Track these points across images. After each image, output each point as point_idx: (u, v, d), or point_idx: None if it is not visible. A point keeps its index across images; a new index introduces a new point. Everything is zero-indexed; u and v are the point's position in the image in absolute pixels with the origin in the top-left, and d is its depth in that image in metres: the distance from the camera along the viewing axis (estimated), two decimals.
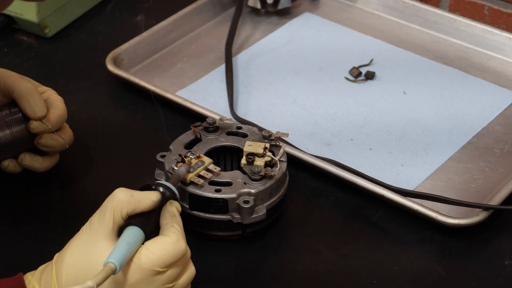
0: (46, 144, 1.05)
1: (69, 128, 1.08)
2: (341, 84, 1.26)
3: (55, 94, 1.07)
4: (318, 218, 1.06)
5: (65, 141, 1.06)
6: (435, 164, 1.13)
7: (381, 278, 0.99)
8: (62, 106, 1.06)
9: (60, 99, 1.07)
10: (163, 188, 0.89)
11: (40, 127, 1.03)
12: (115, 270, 0.80)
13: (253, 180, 1.00)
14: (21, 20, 1.34)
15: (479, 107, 1.22)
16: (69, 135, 1.08)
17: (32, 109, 1.02)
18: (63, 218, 1.06)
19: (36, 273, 0.85)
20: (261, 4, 1.38)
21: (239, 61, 1.30)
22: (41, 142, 1.04)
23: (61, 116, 1.05)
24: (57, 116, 1.05)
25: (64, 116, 1.06)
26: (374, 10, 1.41)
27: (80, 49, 1.34)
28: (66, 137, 1.06)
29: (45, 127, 1.03)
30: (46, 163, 1.07)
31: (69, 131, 1.08)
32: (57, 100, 1.06)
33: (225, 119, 1.08)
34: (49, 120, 1.04)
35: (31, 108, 1.02)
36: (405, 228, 1.05)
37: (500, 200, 1.04)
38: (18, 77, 1.04)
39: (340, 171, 1.08)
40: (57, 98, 1.07)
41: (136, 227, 0.84)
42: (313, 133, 1.18)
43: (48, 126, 1.03)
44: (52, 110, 1.05)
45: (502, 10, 1.38)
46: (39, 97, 1.03)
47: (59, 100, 1.06)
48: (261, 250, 1.02)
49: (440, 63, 1.30)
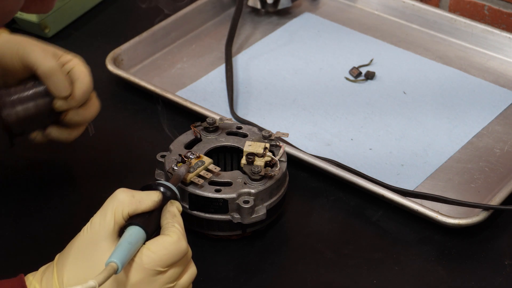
0: (71, 121, 1.03)
1: (95, 98, 1.06)
2: (341, 84, 1.27)
3: (80, 64, 1.04)
4: (318, 218, 1.06)
5: (93, 112, 1.04)
6: (435, 164, 1.13)
7: (381, 278, 0.99)
8: (87, 79, 1.03)
9: (84, 72, 1.03)
10: (164, 188, 0.90)
11: (65, 105, 1.02)
12: (117, 269, 0.80)
13: (253, 180, 1.00)
14: (21, 20, 1.34)
15: (479, 107, 1.22)
16: (94, 107, 1.05)
17: (56, 89, 1.00)
18: (64, 218, 1.06)
19: (37, 274, 0.85)
20: (261, 4, 1.38)
21: (239, 61, 1.30)
22: (66, 119, 1.03)
23: (85, 91, 1.02)
24: (82, 92, 1.02)
25: (88, 90, 1.03)
26: (374, 10, 1.41)
27: (80, 49, 1.34)
28: (92, 108, 1.04)
29: (70, 104, 1.02)
30: (74, 134, 1.06)
31: (95, 103, 1.05)
32: (82, 72, 1.03)
33: (225, 119, 1.08)
34: (74, 97, 1.01)
35: (55, 88, 1.00)
36: (405, 228, 1.05)
37: (500, 200, 1.04)
38: (42, 52, 1.01)
39: (340, 171, 1.08)
40: (82, 70, 1.03)
41: (137, 227, 0.84)
42: (313, 133, 1.18)
43: (72, 104, 1.01)
44: (76, 84, 1.02)
45: (502, 10, 1.38)
46: (62, 76, 1.00)
47: (84, 73, 1.03)
48: (261, 250, 1.02)
49: (440, 63, 1.30)
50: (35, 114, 1.02)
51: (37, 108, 1.02)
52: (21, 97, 1.01)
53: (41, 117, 1.03)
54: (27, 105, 1.01)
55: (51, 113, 1.03)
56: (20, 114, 1.01)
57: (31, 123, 1.03)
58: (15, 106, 1.01)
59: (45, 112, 1.02)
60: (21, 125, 1.02)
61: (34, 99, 1.02)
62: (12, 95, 1.01)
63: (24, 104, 1.01)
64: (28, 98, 1.02)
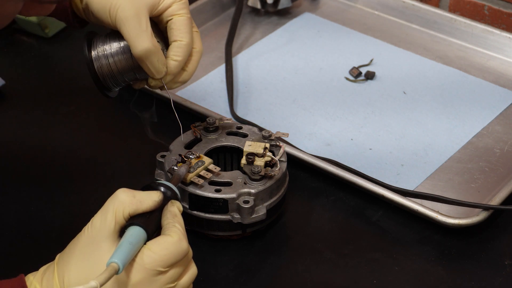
0: (170, 88, 1.01)
1: (194, 61, 1.01)
2: (341, 84, 1.27)
3: (179, 14, 0.98)
4: (318, 218, 1.06)
5: (192, 70, 1.00)
6: (435, 164, 1.13)
7: (381, 278, 0.99)
8: (184, 43, 0.98)
9: (182, 28, 0.97)
10: (164, 188, 0.89)
11: (159, 83, 0.99)
12: (118, 270, 0.80)
13: (253, 180, 1.00)
14: (21, 20, 1.34)
15: (479, 107, 1.22)
16: (191, 69, 1.01)
17: (149, 71, 0.97)
18: (64, 218, 1.06)
19: (38, 274, 0.85)
20: (261, 4, 1.38)
21: (239, 61, 1.30)
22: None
23: (181, 62, 0.98)
24: (177, 67, 0.98)
25: (184, 59, 0.98)
26: (374, 10, 1.41)
27: (80, 49, 1.34)
28: (190, 67, 1.00)
29: (166, 79, 0.98)
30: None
31: (192, 67, 1.01)
32: (179, 30, 0.97)
33: (225, 119, 1.08)
34: (169, 73, 0.98)
35: (148, 70, 0.97)
36: (405, 228, 1.05)
37: (500, 200, 1.04)
38: (135, 25, 0.94)
39: (340, 171, 1.08)
40: (180, 26, 0.97)
41: (138, 227, 0.84)
42: (313, 133, 1.18)
43: (168, 79, 0.98)
44: (171, 52, 0.97)
45: (502, 10, 1.38)
46: (156, 58, 0.96)
47: (181, 31, 0.97)
48: (261, 250, 1.02)
49: (440, 63, 1.30)
50: (127, 68, 0.99)
51: (128, 63, 0.98)
52: (113, 51, 0.98)
53: (132, 71, 0.99)
54: (118, 58, 0.98)
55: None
56: (112, 67, 0.98)
57: (121, 76, 1.00)
58: (108, 58, 0.98)
59: (138, 67, 0.98)
60: (111, 79, 0.99)
61: (127, 52, 0.98)
62: (105, 44, 0.98)
63: (115, 57, 0.98)
64: (121, 52, 0.98)
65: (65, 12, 1.01)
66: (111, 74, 0.99)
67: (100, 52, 0.98)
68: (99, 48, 0.98)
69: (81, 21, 1.03)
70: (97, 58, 0.98)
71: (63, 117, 1.21)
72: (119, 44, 0.98)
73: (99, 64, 0.98)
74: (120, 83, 1.00)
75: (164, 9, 0.97)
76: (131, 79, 1.00)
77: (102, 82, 0.99)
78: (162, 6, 0.97)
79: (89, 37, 0.99)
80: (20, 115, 1.22)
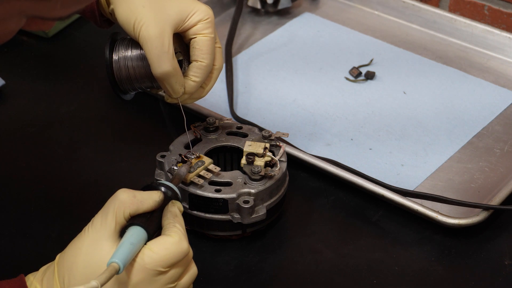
0: (184, 103, 1.01)
1: (213, 79, 1.01)
2: (341, 84, 1.27)
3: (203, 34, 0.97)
4: (318, 218, 1.06)
5: (209, 88, 1.01)
6: (435, 164, 1.13)
7: (381, 278, 0.99)
8: (204, 65, 0.97)
9: (204, 50, 0.97)
10: (165, 188, 0.89)
11: (175, 101, 0.99)
12: (118, 270, 0.80)
13: (253, 180, 1.00)
14: None
15: (479, 107, 1.22)
16: (209, 88, 1.01)
17: (167, 91, 0.97)
18: (64, 218, 1.06)
19: (38, 274, 0.85)
20: (261, 4, 1.38)
21: (239, 61, 1.30)
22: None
23: (199, 83, 0.98)
24: (194, 87, 0.98)
25: (199, 85, 0.98)
26: (374, 10, 1.41)
27: (80, 49, 1.34)
28: (206, 88, 1.01)
29: (183, 98, 0.99)
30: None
31: (210, 86, 1.01)
32: (201, 52, 0.97)
33: (225, 119, 1.08)
34: (187, 92, 0.98)
35: (166, 90, 0.97)
36: (405, 228, 1.05)
37: (500, 200, 1.04)
38: (156, 46, 0.94)
39: (340, 171, 1.08)
40: (202, 47, 0.97)
41: (138, 227, 0.84)
42: (313, 133, 1.18)
43: (185, 97, 0.99)
44: (191, 72, 0.97)
45: (502, 10, 1.38)
46: (175, 80, 0.96)
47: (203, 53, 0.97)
48: (261, 250, 1.02)
49: (440, 63, 1.30)
50: (144, 76, 0.99)
51: (147, 71, 0.98)
52: (133, 57, 0.98)
53: (149, 80, 0.99)
54: (137, 65, 0.98)
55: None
56: (130, 72, 0.98)
57: (138, 83, 1.00)
58: (127, 63, 0.98)
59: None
60: (129, 83, 0.99)
61: (147, 60, 0.97)
62: (127, 49, 0.98)
63: (134, 63, 0.98)
64: (141, 59, 0.98)
65: (93, 13, 1.01)
66: (129, 79, 0.99)
67: (121, 55, 0.98)
68: (121, 51, 0.99)
69: (107, 20, 1.03)
70: (117, 61, 0.98)
71: (63, 117, 1.21)
72: (140, 51, 0.98)
73: (118, 67, 0.98)
74: (137, 88, 1.01)
75: (188, 27, 0.97)
76: (148, 86, 1.01)
77: (118, 85, 1.00)
78: (187, 25, 0.97)
79: (113, 38, 0.99)
80: (20, 115, 1.22)
